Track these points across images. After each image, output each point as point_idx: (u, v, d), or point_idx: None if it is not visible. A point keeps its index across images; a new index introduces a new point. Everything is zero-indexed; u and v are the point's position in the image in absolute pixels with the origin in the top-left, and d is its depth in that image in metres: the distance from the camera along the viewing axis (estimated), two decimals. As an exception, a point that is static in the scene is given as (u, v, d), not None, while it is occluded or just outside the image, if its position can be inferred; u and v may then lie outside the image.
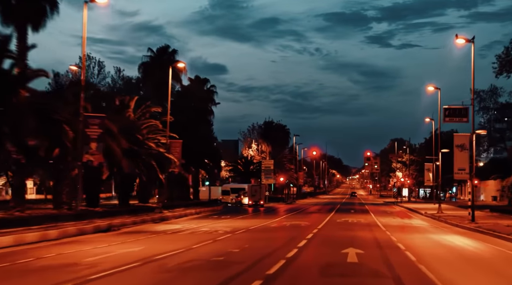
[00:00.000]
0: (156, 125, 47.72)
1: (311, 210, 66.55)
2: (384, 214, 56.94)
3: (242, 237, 26.33)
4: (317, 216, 50.04)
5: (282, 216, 49.54)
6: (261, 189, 75.81)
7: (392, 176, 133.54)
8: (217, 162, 73.55)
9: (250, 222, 39.18)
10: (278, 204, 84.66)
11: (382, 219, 45.53)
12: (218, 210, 60.52)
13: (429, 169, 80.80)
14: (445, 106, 39.60)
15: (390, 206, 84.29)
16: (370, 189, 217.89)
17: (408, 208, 70.08)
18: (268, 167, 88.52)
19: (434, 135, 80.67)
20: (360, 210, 65.17)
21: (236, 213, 54.32)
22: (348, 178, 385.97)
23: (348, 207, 76.47)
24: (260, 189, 75.56)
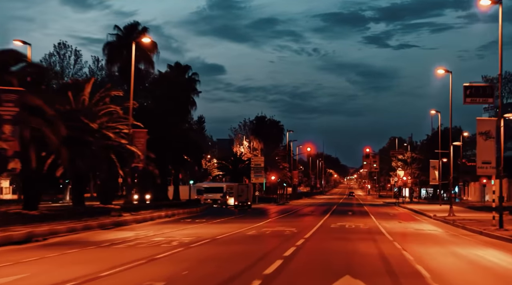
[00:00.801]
0: (117, 111, 40.10)
1: (303, 211, 59.06)
2: (386, 216, 49.44)
3: (192, 256, 18.74)
4: (309, 220, 42.52)
5: (267, 220, 42.01)
6: (249, 189, 68.37)
7: (392, 175, 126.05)
8: (197, 158, 65.76)
9: (224, 229, 31.66)
10: (269, 205, 77.17)
11: (385, 224, 38.02)
12: (196, 212, 52.99)
13: (435, 166, 73.31)
14: (465, 83, 32.03)
15: (391, 207, 76.76)
16: (368, 189, 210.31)
17: (412, 209, 62.58)
18: (258, 165, 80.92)
19: (440, 129, 73.03)
20: (359, 212, 57.66)
21: (216, 216, 46.80)
22: (346, 178, 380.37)
23: (345, 208, 68.97)
24: (248, 189, 68.13)
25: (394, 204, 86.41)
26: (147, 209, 43.98)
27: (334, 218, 45.41)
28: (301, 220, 42.23)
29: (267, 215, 51.11)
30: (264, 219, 42.50)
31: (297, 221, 41.32)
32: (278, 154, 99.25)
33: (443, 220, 41.73)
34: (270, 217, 46.12)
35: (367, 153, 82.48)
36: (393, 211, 61.97)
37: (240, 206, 66.84)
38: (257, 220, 40.72)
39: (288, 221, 41.51)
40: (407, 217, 49.94)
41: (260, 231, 30.13)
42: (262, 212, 57.81)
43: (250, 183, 71.95)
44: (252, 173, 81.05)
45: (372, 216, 48.68)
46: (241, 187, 68.54)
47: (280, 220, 42.21)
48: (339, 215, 50.98)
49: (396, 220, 44.47)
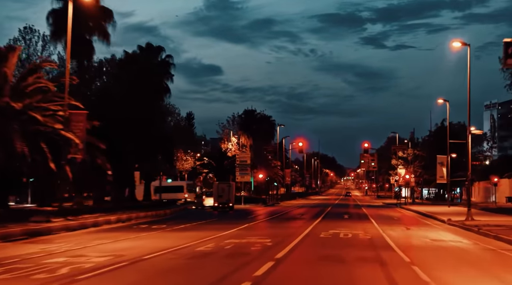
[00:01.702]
0: (49, 88, 31.56)
1: (292, 214, 50.73)
2: (390, 221, 41.14)
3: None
4: (295, 226, 34.15)
5: (243, 226, 33.58)
6: (230, 188, 59.85)
7: (391, 174, 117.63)
8: (167, 153, 57.03)
9: (175, 240, 23.41)
10: (256, 207, 68.77)
11: (390, 231, 29.70)
12: (163, 216, 44.67)
13: (442, 162, 65.03)
14: (506, 39, 23.72)
15: (393, 209, 68.41)
16: (365, 189, 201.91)
17: (418, 211, 54.22)
18: (244, 161, 72.50)
19: (448, 121, 64.42)
20: (357, 215, 49.30)
21: (185, 220, 38.58)
22: (343, 178, 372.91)
23: (341, 210, 60.63)
24: (229, 188, 59.62)
25: (395, 205, 78.05)
26: (94, 212, 35.49)
27: (326, 223, 37.07)
28: (285, 226, 33.86)
29: (248, 218, 42.73)
30: (239, 225, 34.11)
31: (279, 227, 32.98)
32: (266, 150, 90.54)
33: (462, 226, 33.33)
34: (249, 222, 37.73)
35: (366, 148, 73.99)
36: (396, 214, 53.65)
37: (220, 208, 58.63)
38: (230, 226, 32.36)
39: (268, 227, 33.20)
40: (414, 221, 41.56)
41: (220, 244, 21.70)
42: (244, 214, 49.47)
43: (233, 182, 63.42)
44: (237, 170, 72.68)
45: (372, 220, 40.35)
46: (221, 186, 60.10)
47: (258, 226, 33.85)
48: (333, 218, 42.67)
49: (402, 225, 36.10)
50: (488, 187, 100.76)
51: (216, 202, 59.02)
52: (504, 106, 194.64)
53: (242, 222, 36.52)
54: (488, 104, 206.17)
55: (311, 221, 38.94)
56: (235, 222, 36.47)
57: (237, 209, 62.71)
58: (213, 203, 59.37)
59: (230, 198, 59.18)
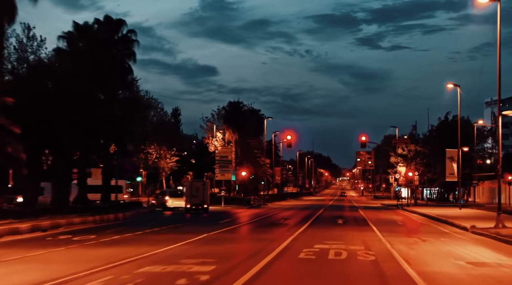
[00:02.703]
0: None
1: (275, 218, 41.98)
2: (395, 227, 32.52)
3: None
4: (270, 237, 25.33)
5: (201, 236, 24.83)
6: (205, 188, 51.32)
7: (390, 172, 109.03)
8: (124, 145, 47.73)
9: (73, 265, 15.02)
10: (237, 209, 60.01)
11: (401, 245, 21.08)
12: (112, 221, 35.86)
13: (453, 157, 56.32)
14: None
15: (394, 211, 59.76)
16: (362, 189, 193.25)
17: (425, 215, 45.52)
18: (225, 157, 63.75)
19: (460, 110, 55.33)
20: (353, 220, 40.54)
21: (136, 228, 30.05)
22: (339, 179, 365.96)
23: (334, 213, 51.95)
24: (204, 187, 51.09)
25: (396, 206, 69.39)
26: (4, 218, 26.62)
27: (314, 231, 28.37)
28: (257, 237, 25.06)
29: (218, 224, 33.96)
30: (199, 234, 25.43)
31: (248, 238, 24.32)
32: (254, 146, 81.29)
33: (496, 237, 24.64)
34: (216, 229, 28.95)
35: (363, 142, 65.16)
36: (399, 217, 44.96)
37: (193, 210, 50.17)
38: (184, 237, 23.83)
39: (233, 238, 24.46)
40: (426, 228, 32.75)
41: (121, 278, 12.86)
42: (218, 218, 40.80)
43: (207, 180, 54.62)
44: (217, 168, 63.88)
45: (373, 227, 31.66)
46: (195, 185, 51.51)
47: (220, 237, 25.02)
48: (324, 225, 33.98)
49: (414, 234, 27.37)
50: (494, 188, 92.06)
51: (188, 203, 50.60)
52: (505, 103, 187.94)
53: (206, 230, 27.84)
54: (489, 101, 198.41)
55: (295, 228, 30.15)
56: (197, 230, 27.82)
57: (215, 211, 54.18)
58: (185, 205, 50.88)
59: (205, 198, 50.76)
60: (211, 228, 29.49)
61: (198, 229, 29.06)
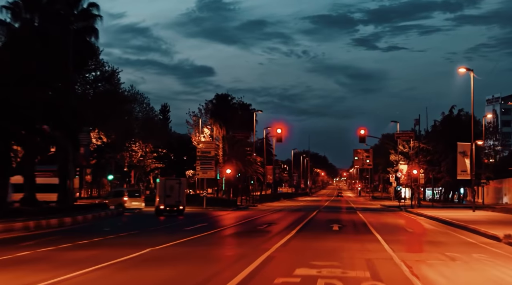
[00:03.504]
0: None
1: (260, 222, 35.13)
2: (407, 237, 25.76)
3: None
4: (239, 251, 18.56)
5: (144, 250, 18.07)
6: (181, 186, 44.76)
7: (390, 171, 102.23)
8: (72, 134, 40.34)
9: None
10: (222, 211, 53.22)
11: (427, 271, 14.35)
12: (56, 226, 29.03)
13: (465, 152, 49.40)
14: None
15: (397, 213, 53.01)
16: (359, 190, 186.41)
17: (436, 218, 38.72)
18: (207, 153, 56.82)
19: (472, 98, 48.25)
20: (352, 225, 33.70)
21: (82, 236, 23.43)
22: (335, 179, 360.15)
23: (329, 215, 45.15)
24: (180, 186, 44.56)
25: (398, 208, 62.65)
26: None
27: (301, 242, 21.58)
28: (217, 255, 18.24)
29: (184, 231, 27.20)
30: (145, 247, 18.81)
31: (203, 257, 17.36)
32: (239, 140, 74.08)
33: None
34: (173, 239, 22.19)
35: (362, 136, 58.31)
36: (406, 222, 38.18)
37: (168, 212, 43.68)
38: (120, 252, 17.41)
39: (182, 257, 17.54)
40: (445, 237, 25.81)
41: None
42: (191, 222, 34.14)
43: (184, 178, 47.79)
44: (198, 164, 56.98)
45: (377, 236, 24.83)
46: (170, 183, 44.90)
47: (169, 253, 18.17)
48: (315, 232, 27.18)
49: (435, 249, 20.45)
50: (499, 188, 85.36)
51: (162, 204, 43.98)
52: (507, 101, 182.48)
53: (158, 241, 21.22)
54: (490, 99, 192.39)
55: (277, 238, 23.28)
56: (147, 242, 21.22)
57: (194, 213, 47.56)
58: (158, 206, 44.15)
59: (181, 199, 44.20)
60: (168, 238, 22.66)
61: (150, 239, 22.30)
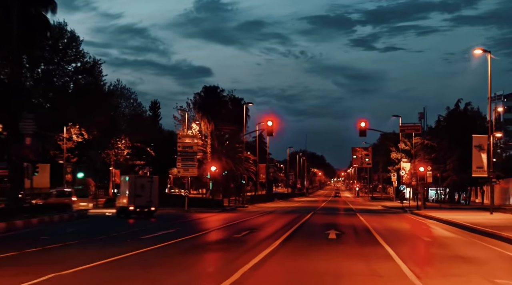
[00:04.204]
0: None
1: (241, 228, 28.95)
2: (427, 250, 19.63)
3: None
4: (178, 280, 12.21)
5: (45, 276, 11.74)
6: (153, 185, 38.87)
7: (391, 170, 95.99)
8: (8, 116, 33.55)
9: None
10: (205, 213, 47.10)
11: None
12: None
13: (481, 146, 43.20)
14: None
15: (402, 216, 46.87)
16: (357, 190, 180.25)
17: (452, 223, 32.57)
18: (188, 148, 50.64)
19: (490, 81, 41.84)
20: (352, 231, 27.51)
21: None
22: (333, 179, 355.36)
23: (326, 218, 39.04)
24: (152, 185, 38.88)
25: (402, 210, 56.58)
26: None
27: (280, 263, 15.40)
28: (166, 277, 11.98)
29: (139, 240, 21.11)
30: (51, 271, 12.46)
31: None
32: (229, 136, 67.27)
33: None
34: (121, 252, 16.12)
35: (362, 129, 52.10)
36: (416, 227, 32.08)
37: (138, 213, 38.24)
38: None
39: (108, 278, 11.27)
40: (476, 250, 19.55)
41: None
42: (160, 227, 28.20)
43: (156, 176, 41.65)
44: (178, 160, 50.74)
45: (387, 249, 18.76)
46: (140, 181, 39.22)
47: (83, 280, 11.87)
48: (305, 242, 21.03)
49: (473, 269, 14.24)
50: (505, 188, 79.14)
51: (132, 204, 38.13)
52: (510, 98, 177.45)
53: (95, 256, 15.12)
54: (493, 96, 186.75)
55: (252, 253, 17.03)
56: (72, 258, 15.11)
57: (170, 215, 41.69)
58: (128, 207, 38.18)
59: (153, 199, 38.44)
60: (104, 252, 16.52)
61: (76, 255, 16.16)
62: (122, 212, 38.36)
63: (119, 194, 41.88)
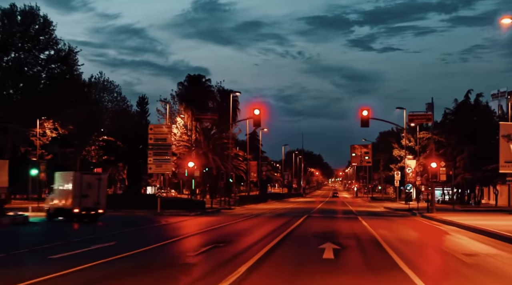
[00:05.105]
0: None
1: (214, 237, 21.66)
2: (482, 281, 12.18)
3: None
4: None
5: None
6: (101, 184, 32.22)
7: (393, 168, 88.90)
8: None
9: None
10: (180, 216, 39.99)
11: None
12: None
13: (510, 135, 35.95)
14: None
15: (413, 220, 39.70)
16: (356, 190, 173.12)
17: (486, 231, 25.42)
18: (161, 140, 43.33)
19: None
20: (355, 243, 20.31)
21: None
22: (331, 180, 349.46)
23: (321, 223, 31.92)
24: (100, 184, 32.23)
25: (409, 212, 49.41)
26: None
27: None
28: None
29: (46, 262, 13.85)
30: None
31: None
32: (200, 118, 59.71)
33: None
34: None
35: (365, 118, 44.84)
36: (434, 236, 24.88)
37: (82, 216, 32.08)
38: None
39: None
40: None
41: None
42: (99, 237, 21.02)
43: (104, 174, 34.76)
44: (150, 155, 43.45)
45: (416, 280, 11.32)
46: (86, 179, 32.50)
47: None
48: (289, 265, 13.77)
49: None
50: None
51: (77, 206, 31.27)
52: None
53: None
54: (496, 93, 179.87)
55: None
56: None
57: (132, 218, 34.57)
58: (71, 208, 31.46)
59: (101, 200, 31.68)
60: None
61: None
62: (61, 214, 31.76)
63: (52, 194, 34.74)
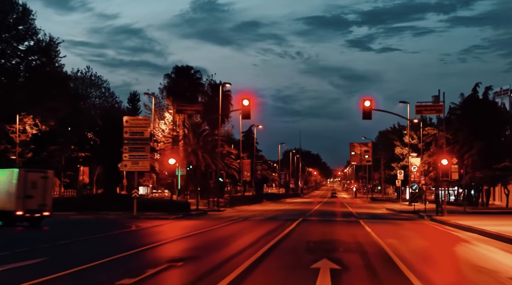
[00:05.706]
0: None
1: (182, 248, 16.77)
2: None
3: None
4: None
5: None
6: (47, 184, 27.82)
7: (395, 167, 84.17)
8: None
9: None
10: (157, 220, 35.28)
11: None
12: None
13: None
14: None
15: (423, 225, 35.05)
16: (355, 190, 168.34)
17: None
18: (138, 134, 38.41)
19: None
20: (360, 261, 15.46)
21: None
22: (329, 180, 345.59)
23: (318, 229, 27.22)
24: (46, 184, 28.23)
25: (416, 215, 44.71)
26: None
27: None
28: None
29: None
30: None
31: None
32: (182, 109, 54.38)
33: None
34: None
35: (367, 110, 40.21)
36: (456, 245, 20.16)
37: (25, 219, 28.32)
38: None
39: None
40: None
41: None
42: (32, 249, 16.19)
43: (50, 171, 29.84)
44: (125, 150, 38.56)
45: None
46: (31, 178, 28.16)
47: None
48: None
49: None
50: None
51: (20, 209, 27.32)
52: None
53: None
54: (499, 91, 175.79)
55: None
56: None
57: (96, 221, 29.92)
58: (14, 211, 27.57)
59: (47, 201, 27.71)
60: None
61: None
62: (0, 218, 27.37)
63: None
